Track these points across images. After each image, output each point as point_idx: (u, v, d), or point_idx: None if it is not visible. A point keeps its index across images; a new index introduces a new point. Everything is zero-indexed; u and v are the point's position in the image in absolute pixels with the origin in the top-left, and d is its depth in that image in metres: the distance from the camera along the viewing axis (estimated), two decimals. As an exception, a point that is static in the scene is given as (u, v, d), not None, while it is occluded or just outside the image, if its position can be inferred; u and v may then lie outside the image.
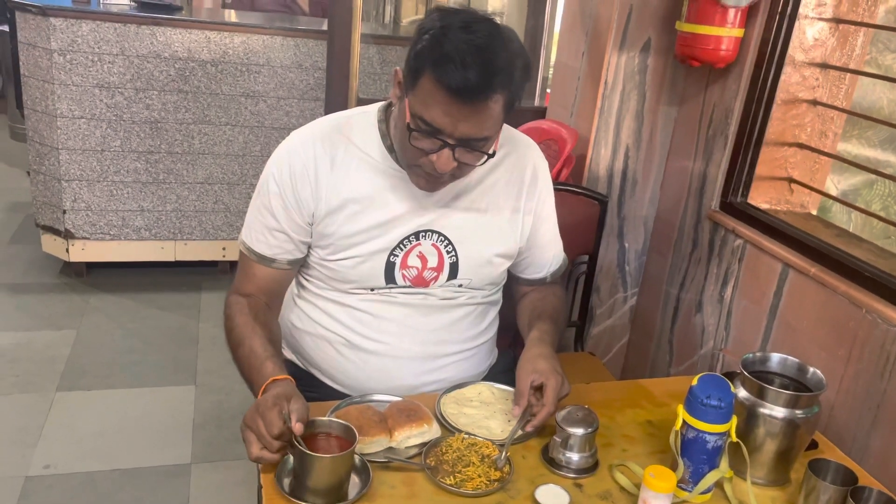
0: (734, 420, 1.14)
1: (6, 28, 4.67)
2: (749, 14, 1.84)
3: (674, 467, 1.16)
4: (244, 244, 1.37)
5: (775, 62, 1.82)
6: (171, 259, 3.38)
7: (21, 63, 3.06)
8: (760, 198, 1.94)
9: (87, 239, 3.22)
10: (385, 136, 1.33)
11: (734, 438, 1.15)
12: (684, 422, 1.15)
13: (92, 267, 3.38)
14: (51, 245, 3.29)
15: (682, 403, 1.16)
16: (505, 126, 1.32)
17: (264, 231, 1.34)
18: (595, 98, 2.10)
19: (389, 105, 1.35)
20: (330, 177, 1.31)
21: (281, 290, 1.43)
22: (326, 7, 4.98)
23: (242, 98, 3.20)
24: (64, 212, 3.15)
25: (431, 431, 1.22)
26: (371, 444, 1.16)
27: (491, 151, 1.23)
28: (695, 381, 1.15)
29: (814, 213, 1.96)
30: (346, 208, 1.31)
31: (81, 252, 3.25)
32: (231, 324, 1.32)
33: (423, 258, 1.35)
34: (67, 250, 3.23)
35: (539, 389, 1.25)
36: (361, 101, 2.51)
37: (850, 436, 1.57)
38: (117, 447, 2.31)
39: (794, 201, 1.96)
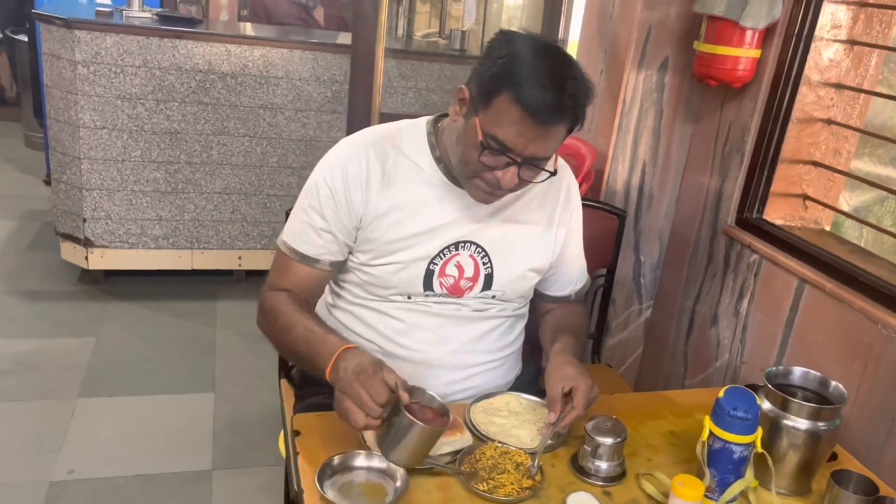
0: (759, 431, 1.18)
1: (24, 38, 4.75)
2: (766, 35, 1.88)
3: (700, 476, 1.20)
4: (286, 244, 1.41)
5: (791, 82, 1.86)
6: (188, 268, 3.43)
7: (45, 74, 3.11)
8: (775, 213, 1.98)
9: (106, 247, 3.27)
10: (434, 147, 1.38)
11: (759, 449, 1.19)
12: (711, 432, 1.19)
13: (109, 275, 3.42)
14: (70, 253, 3.33)
15: (709, 415, 1.20)
16: None
17: (310, 232, 1.38)
18: (613, 115, 2.15)
19: (437, 119, 1.41)
20: (381, 183, 1.36)
21: (317, 292, 1.46)
22: (342, 21, 5.05)
23: (261, 110, 3.25)
24: (84, 220, 3.19)
25: (464, 440, 1.26)
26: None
27: (553, 169, 1.28)
28: (721, 394, 1.19)
29: (827, 228, 2.01)
30: (392, 214, 1.36)
31: (100, 260, 3.29)
32: (274, 314, 1.35)
33: (460, 268, 1.40)
34: (86, 258, 3.28)
35: (569, 394, 1.29)
36: (383, 116, 2.56)
37: (865, 448, 1.60)
38: (139, 453, 2.34)
39: (808, 217, 2.00)
